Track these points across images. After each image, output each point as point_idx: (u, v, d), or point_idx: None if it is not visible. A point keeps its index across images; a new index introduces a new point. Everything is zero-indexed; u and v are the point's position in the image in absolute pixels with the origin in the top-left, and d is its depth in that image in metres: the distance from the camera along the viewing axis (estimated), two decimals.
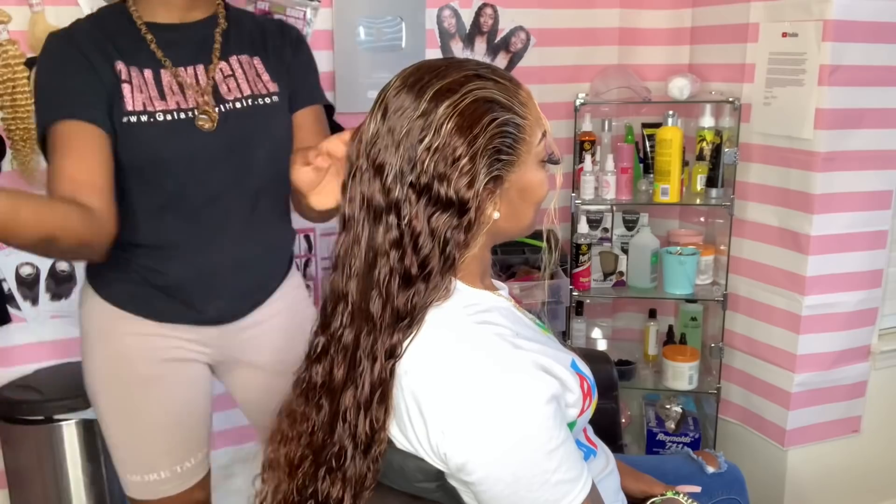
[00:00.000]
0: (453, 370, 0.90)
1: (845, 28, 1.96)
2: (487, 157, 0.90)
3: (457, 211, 0.90)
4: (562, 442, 0.90)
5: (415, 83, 0.92)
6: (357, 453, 0.94)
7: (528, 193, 0.97)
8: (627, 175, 2.33)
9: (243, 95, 1.35)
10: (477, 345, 0.92)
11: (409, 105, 0.90)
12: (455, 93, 0.90)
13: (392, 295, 0.91)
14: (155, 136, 1.27)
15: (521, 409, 0.88)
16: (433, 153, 0.89)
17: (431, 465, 0.94)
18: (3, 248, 1.96)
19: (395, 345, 0.92)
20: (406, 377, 0.92)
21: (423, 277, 0.91)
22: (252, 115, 1.35)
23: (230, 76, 1.36)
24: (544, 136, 0.97)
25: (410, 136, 0.90)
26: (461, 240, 0.92)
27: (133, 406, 1.40)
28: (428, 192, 0.89)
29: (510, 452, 0.88)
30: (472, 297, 0.98)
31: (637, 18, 2.48)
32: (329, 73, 2.19)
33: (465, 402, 0.89)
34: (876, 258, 2.18)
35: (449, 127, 0.89)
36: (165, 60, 1.32)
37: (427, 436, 0.91)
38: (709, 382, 2.42)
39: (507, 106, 0.92)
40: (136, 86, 1.29)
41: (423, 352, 0.92)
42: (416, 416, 0.92)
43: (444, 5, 2.30)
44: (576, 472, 0.92)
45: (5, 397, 1.90)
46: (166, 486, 1.43)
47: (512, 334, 0.94)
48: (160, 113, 1.28)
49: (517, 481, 0.89)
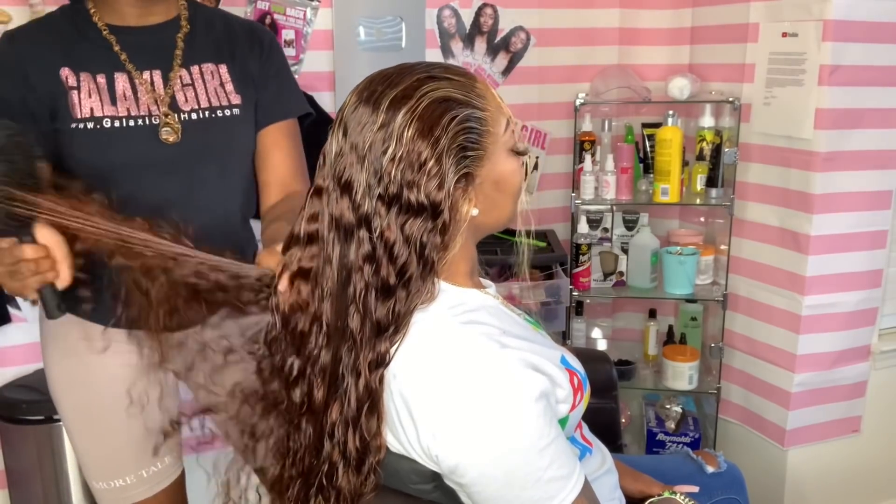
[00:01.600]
0: (441, 373, 0.90)
1: (845, 28, 1.96)
2: (454, 156, 0.90)
3: (430, 214, 0.89)
4: (553, 439, 0.90)
5: (370, 96, 0.91)
6: (349, 470, 0.94)
7: (502, 185, 0.96)
8: (627, 175, 2.33)
9: (200, 107, 1.30)
10: (463, 346, 0.91)
11: (368, 119, 0.90)
12: (410, 98, 0.89)
13: (370, 309, 0.90)
14: (101, 143, 1.24)
15: (510, 408, 0.88)
16: (398, 162, 0.88)
17: (425, 466, 0.94)
18: None
19: (383, 353, 0.91)
20: (395, 381, 0.92)
21: (403, 284, 0.90)
22: (208, 128, 1.30)
23: (189, 85, 1.31)
24: (508, 124, 0.96)
25: (374, 149, 0.89)
26: (438, 242, 0.91)
27: (93, 408, 1.36)
28: (398, 201, 0.89)
29: (501, 452, 0.88)
30: (458, 297, 0.97)
31: (637, 18, 2.48)
32: (329, 73, 2.19)
33: (453, 404, 0.89)
34: (876, 258, 2.18)
35: (410, 133, 0.88)
36: (128, 64, 1.27)
37: (418, 439, 0.91)
38: (709, 382, 2.42)
39: (465, 101, 0.91)
40: (85, 91, 1.25)
41: (411, 355, 0.92)
42: (406, 420, 0.92)
43: (444, 5, 2.30)
44: (568, 469, 0.92)
45: (5, 397, 1.90)
46: (133, 491, 1.39)
47: (499, 333, 0.94)
48: (108, 119, 1.24)
49: (510, 481, 0.89)
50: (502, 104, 0.96)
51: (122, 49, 1.28)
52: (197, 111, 1.30)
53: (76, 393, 1.37)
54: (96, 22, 1.28)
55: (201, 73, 1.32)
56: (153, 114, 1.27)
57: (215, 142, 1.31)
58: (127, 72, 1.27)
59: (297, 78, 2.13)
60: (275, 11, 2.10)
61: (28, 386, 1.94)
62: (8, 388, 1.94)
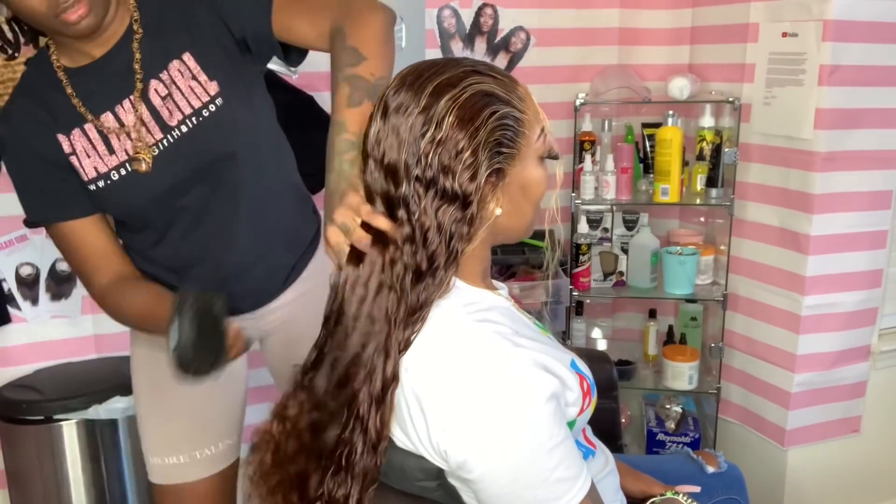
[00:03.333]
0: (453, 368, 0.91)
1: (845, 28, 1.96)
2: (489, 150, 0.91)
3: (461, 204, 0.90)
4: (562, 440, 0.91)
5: (414, 81, 0.92)
6: (367, 449, 0.94)
7: (528, 190, 0.97)
8: (627, 175, 2.33)
9: (185, 115, 1.25)
10: (477, 342, 0.92)
11: (410, 101, 0.91)
12: (454, 87, 0.90)
13: (406, 291, 0.92)
14: (118, 195, 1.27)
15: (521, 406, 0.88)
16: (436, 146, 0.89)
17: (432, 463, 0.94)
18: (3, 248, 1.96)
19: (408, 339, 0.92)
20: (407, 374, 0.93)
21: (431, 272, 0.92)
22: (203, 131, 1.25)
23: (167, 97, 1.24)
24: (543, 132, 0.97)
25: (413, 131, 0.90)
26: (464, 233, 0.92)
27: (161, 385, 1.39)
28: (434, 185, 0.90)
29: (510, 450, 0.89)
30: (472, 295, 0.98)
31: (637, 18, 2.47)
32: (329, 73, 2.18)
33: (465, 399, 0.89)
34: (876, 258, 2.18)
35: (450, 120, 0.89)
36: (85, 112, 1.24)
37: (428, 433, 0.91)
38: (709, 382, 2.42)
39: (506, 100, 0.93)
40: (82, 152, 1.25)
41: (424, 349, 0.92)
42: (416, 414, 0.92)
43: (444, 5, 2.30)
44: (575, 471, 0.93)
45: (5, 397, 1.90)
46: (185, 471, 1.43)
47: (512, 333, 0.94)
48: (113, 172, 1.25)
49: (517, 479, 0.90)
50: (540, 112, 0.98)
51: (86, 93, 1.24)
52: (185, 121, 1.25)
53: (151, 368, 1.41)
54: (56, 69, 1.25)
55: (171, 77, 1.25)
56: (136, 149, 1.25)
57: (217, 140, 1.27)
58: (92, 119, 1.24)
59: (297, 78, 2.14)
60: None
61: (28, 386, 1.94)
62: (8, 388, 1.94)
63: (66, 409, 1.86)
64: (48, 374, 2.01)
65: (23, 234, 1.97)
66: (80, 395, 1.87)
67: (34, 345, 2.03)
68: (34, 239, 1.98)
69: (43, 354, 2.04)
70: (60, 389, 1.90)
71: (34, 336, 2.03)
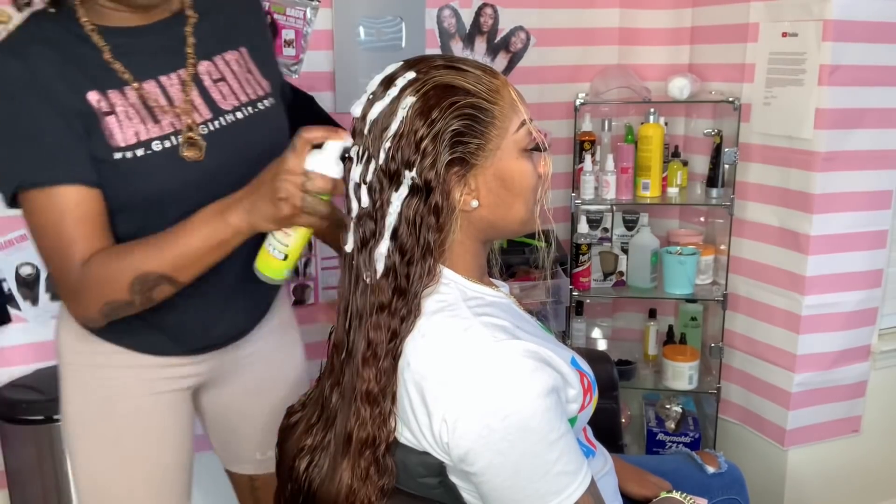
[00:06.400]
0: (455, 360, 0.91)
1: (845, 28, 1.96)
2: (448, 139, 0.92)
3: (424, 194, 0.92)
4: (563, 434, 0.91)
5: (388, 78, 0.96)
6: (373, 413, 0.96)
7: (509, 182, 0.97)
8: (627, 175, 2.33)
9: (241, 103, 1.19)
10: (478, 335, 0.92)
11: (381, 96, 0.94)
12: (418, 81, 0.93)
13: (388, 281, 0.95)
14: (152, 170, 1.11)
15: (523, 399, 0.89)
16: (398, 140, 0.92)
17: (435, 458, 0.95)
18: (3, 248, 1.96)
19: (395, 330, 0.94)
20: (408, 369, 0.93)
21: (407, 263, 0.94)
22: (253, 125, 1.20)
23: (220, 80, 1.18)
24: (523, 124, 0.97)
25: (380, 124, 0.93)
26: (432, 223, 0.93)
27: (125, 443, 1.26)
28: (397, 178, 0.92)
29: (512, 443, 0.89)
30: (472, 290, 0.99)
31: (637, 18, 2.47)
32: (329, 72, 2.19)
33: (467, 391, 0.89)
34: (876, 258, 2.18)
35: (411, 113, 0.92)
36: (125, 74, 1.11)
37: (430, 426, 0.92)
38: (709, 382, 2.42)
39: (473, 91, 0.94)
40: (123, 114, 1.10)
41: (425, 343, 0.93)
42: (419, 407, 0.93)
43: (444, 5, 2.30)
44: (576, 465, 0.93)
45: (5, 397, 1.90)
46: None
47: (513, 327, 0.95)
48: (156, 142, 1.11)
49: (518, 472, 0.90)
50: (519, 104, 0.98)
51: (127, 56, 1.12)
52: (240, 108, 1.19)
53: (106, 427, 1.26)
54: (89, 28, 1.12)
55: (227, 63, 1.20)
56: (184, 131, 1.13)
57: (264, 138, 1.20)
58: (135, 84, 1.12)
59: (296, 78, 2.15)
60: (275, 11, 2.10)
61: (28, 386, 1.94)
62: (8, 388, 1.94)
63: None
64: (48, 374, 2.00)
65: (23, 234, 1.96)
66: None
67: (34, 345, 2.03)
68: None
69: (43, 354, 2.04)
70: None
71: (34, 336, 2.03)
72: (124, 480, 1.28)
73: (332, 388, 1.02)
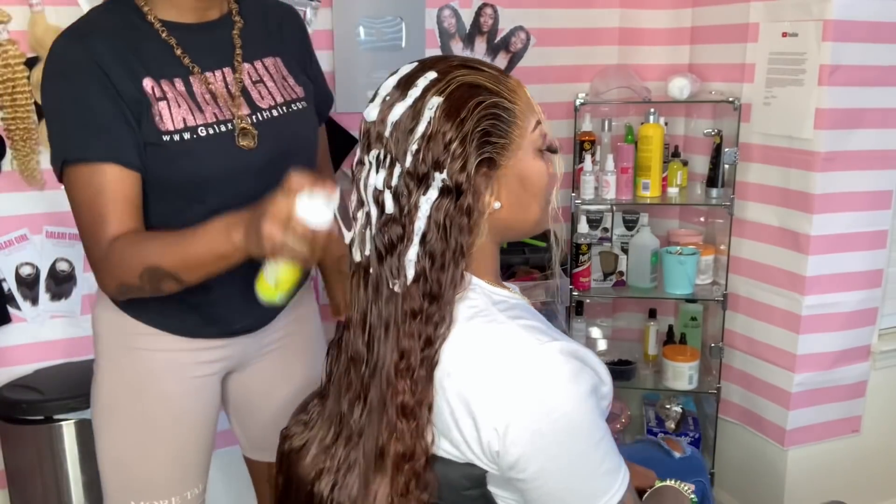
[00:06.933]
0: (500, 366, 0.89)
1: (845, 28, 1.96)
2: (477, 139, 0.90)
3: (455, 196, 0.90)
4: (605, 432, 0.91)
5: (404, 79, 0.94)
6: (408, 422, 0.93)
7: (528, 182, 0.96)
8: (627, 175, 2.33)
9: (277, 102, 1.28)
10: (521, 339, 0.90)
11: (399, 98, 0.92)
12: (441, 81, 0.92)
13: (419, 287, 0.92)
14: (198, 153, 1.19)
15: (570, 401, 0.87)
16: (426, 141, 0.90)
17: (479, 469, 0.92)
18: (3, 248, 1.96)
19: (429, 337, 0.92)
20: (449, 379, 0.91)
21: (439, 268, 0.91)
22: (288, 123, 1.29)
23: (259, 82, 1.28)
24: (539, 124, 0.97)
25: (403, 126, 0.91)
26: (464, 225, 0.91)
27: (154, 424, 1.32)
28: (427, 181, 0.90)
29: (562, 445, 0.88)
30: (496, 294, 0.97)
31: (637, 18, 2.48)
32: (329, 73, 2.19)
33: (516, 397, 0.87)
34: (876, 258, 2.18)
35: (437, 114, 0.90)
36: (193, 66, 1.22)
37: (478, 436, 0.89)
38: (709, 382, 2.42)
39: (495, 91, 0.93)
40: (173, 101, 1.19)
41: (465, 351, 0.91)
42: (463, 417, 0.90)
43: (444, 5, 2.30)
44: (617, 463, 0.92)
45: (5, 397, 1.89)
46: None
47: (546, 327, 0.94)
48: (202, 128, 1.19)
49: (571, 474, 0.89)
50: (534, 104, 0.97)
51: (188, 48, 1.22)
52: (276, 107, 1.28)
53: (139, 405, 1.32)
54: (150, 19, 1.21)
55: (266, 67, 1.30)
56: (237, 120, 1.22)
57: (297, 136, 1.31)
58: (199, 73, 1.22)
59: None
60: None
61: (28, 386, 1.94)
62: (8, 388, 1.94)
63: (65, 409, 1.86)
64: (48, 374, 2.01)
65: (23, 234, 1.97)
66: (80, 395, 1.86)
67: (34, 345, 2.03)
68: (34, 239, 1.98)
69: (43, 354, 2.04)
70: (60, 389, 1.90)
71: (34, 336, 2.03)
72: (148, 462, 1.34)
73: (353, 405, 0.99)
